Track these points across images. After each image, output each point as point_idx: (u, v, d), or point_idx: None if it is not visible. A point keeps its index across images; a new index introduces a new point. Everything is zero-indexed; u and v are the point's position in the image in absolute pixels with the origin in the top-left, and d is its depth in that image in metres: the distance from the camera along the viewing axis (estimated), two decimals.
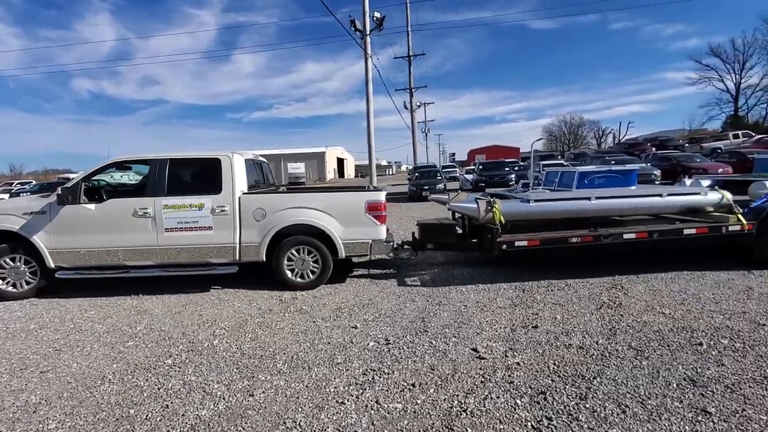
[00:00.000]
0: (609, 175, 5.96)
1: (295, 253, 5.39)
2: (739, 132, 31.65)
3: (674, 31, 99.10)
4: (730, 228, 5.22)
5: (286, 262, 5.39)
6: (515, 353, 3.40)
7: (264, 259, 5.36)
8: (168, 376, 3.30)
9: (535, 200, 5.44)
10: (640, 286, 4.99)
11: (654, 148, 31.75)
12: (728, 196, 5.45)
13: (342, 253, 5.36)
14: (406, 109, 37.35)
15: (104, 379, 3.30)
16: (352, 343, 3.75)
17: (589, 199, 5.45)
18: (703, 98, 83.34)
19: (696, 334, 3.58)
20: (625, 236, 5.20)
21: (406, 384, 2.98)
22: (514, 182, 17.93)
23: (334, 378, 3.11)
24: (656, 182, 15.67)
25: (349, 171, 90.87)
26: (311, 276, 5.44)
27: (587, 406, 2.62)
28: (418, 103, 37.29)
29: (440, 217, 6.58)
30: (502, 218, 5.33)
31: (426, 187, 17.56)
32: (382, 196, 5.41)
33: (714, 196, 5.50)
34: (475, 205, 5.48)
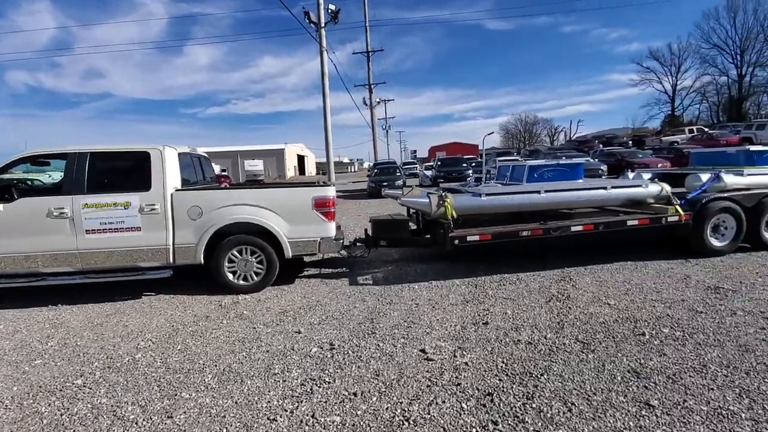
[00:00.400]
0: (557, 169, 6.03)
1: (237, 254, 5.00)
2: (694, 128, 34.05)
3: (618, 35, 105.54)
4: (669, 219, 5.41)
5: (227, 264, 5.00)
6: (464, 352, 3.27)
7: (202, 261, 4.93)
8: (75, 399, 2.88)
9: (487, 194, 5.37)
10: (588, 277, 5.05)
11: (601, 145, 33.50)
12: (667, 188, 5.65)
13: (289, 253, 5.04)
14: (366, 105, 37.10)
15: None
16: (293, 350, 3.47)
17: (539, 192, 5.46)
18: (644, 99, 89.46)
19: (639, 324, 3.61)
20: (573, 229, 5.25)
21: (347, 393, 2.75)
22: (471, 178, 18.15)
23: (269, 391, 2.83)
24: (603, 176, 16.41)
25: (311, 168, 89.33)
26: (255, 278, 5.08)
27: (534, 406, 2.51)
28: (377, 100, 37.17)
29: (394, 213, 6.40)
30: (454, 213, 5.23)
31: (385, 184, 17.42)
32: (330, 192, 5.13)
33: (654, 189, 5.69)
34: (427, 200, 5.34)
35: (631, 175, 7.32)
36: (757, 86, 52.21)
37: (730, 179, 5.74)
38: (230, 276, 5.04)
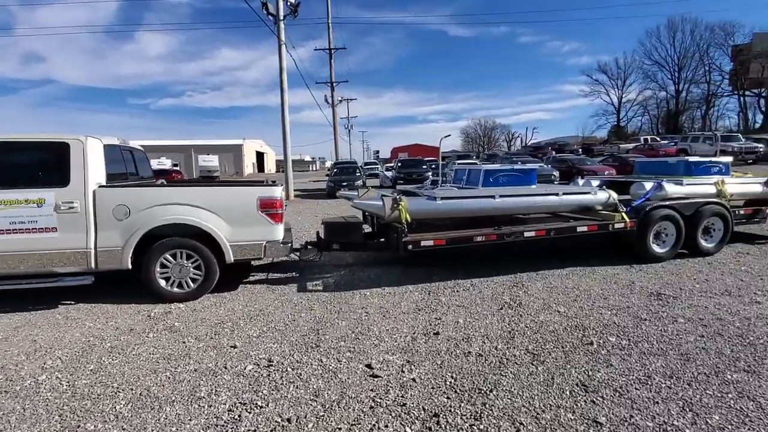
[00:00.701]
0: (512, 174, 6.03)
1: (171, 259, 4.55)
2: (648, 137, 36.38)
3: (570, 49, 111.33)
4: (616, 225, 5.54)
5: (159, 269, 4.53)
6: (412, 367, 3.08)
7: (129, 266, 4.43)
8: None
9: (442, 198, 5.25)
10: (539, 283, 5.06)
11: (554, 152, 35.06)
12: (614, 195, 5.80)
13: (230, 257, 4.65)
14: (328, 103, 36.52)
15: None
16: (225, 368, 3.13)
17: (493, 197, 5.41)
18: (593, 109, 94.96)
19: (587, 333, 3.59)
20: (526, 234, 5.24)
21: (280, 420, 2.47)
22: (428, 181, 18.24)
23: (190, 420, 2.49)
24: (555, 182, 17.02)
25: (270, 165, 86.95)
26: (192, 285, 4.65)
27: (481, 427, 2.35)
28: (339, 98, 36.67)
29: (348, 216, 6.15)
30: (408, 216, 5.06)
31: (344, 184, 17.09)
32: (277, 192, 4.79)
33: (602, 196, 5.82)
34: (381, 203, 5.13)
35: (581, 182, 7.52)
36: (692, 102, 56.91)
37: (671, 188, 5.99)
38: (163, 283, 4.57)
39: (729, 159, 6.95)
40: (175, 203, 4.53)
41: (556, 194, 5.67)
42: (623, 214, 5.62)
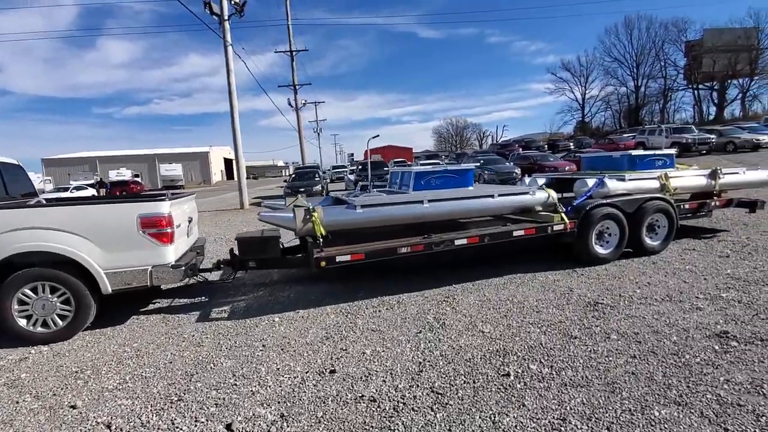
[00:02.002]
0: (445, 176, 5.55)
1: (31, 293, 3.80)
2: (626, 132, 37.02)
3: (537, 48, 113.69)
4: (555, 227, 5.13)
5: (16, 306, 3.77)
6: (285, 424, 2.48)
7: None
8: None
9: (363, 206, 4.69)
10: (473, 296, 4.56)
11: (521, 149, 35.34)
12: (553, 195, 5.40)
13: (106, 288, 3.93)
14: (291, 106, 35.66)
15: None
16: None
17: (421, 202, 4.90)
18: (559, 106, 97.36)
19: (507, 360, 3.09)
20: (457, 242, 4.75)
21: None
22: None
23: None
24: (517, 179, 16.83)
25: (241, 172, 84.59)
26: (60, 322, 3.91)
27: None
28: (303, 101, 35.79)
29: (266, 229, 5.51)
30: (322, 229, 4.47)
31: (301, 190, 16.36)
32: (163, 208, 4.10)
33: (541, 195, 5.41)
34: (291, 215, 4.52)
35: (527, 180, 7.14)
36: (650, 96, 58.83)
37: (613, 184, 5.65)
38: (23, 322, 3.82)
39: (673, 151, 6.71)
40: (33, 227, 3.78)
41: (491, 196, 5.20)
42: (563, 214, 5.22)
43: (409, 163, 26.73)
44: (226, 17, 15.68)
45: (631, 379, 2.72)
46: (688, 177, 6.12)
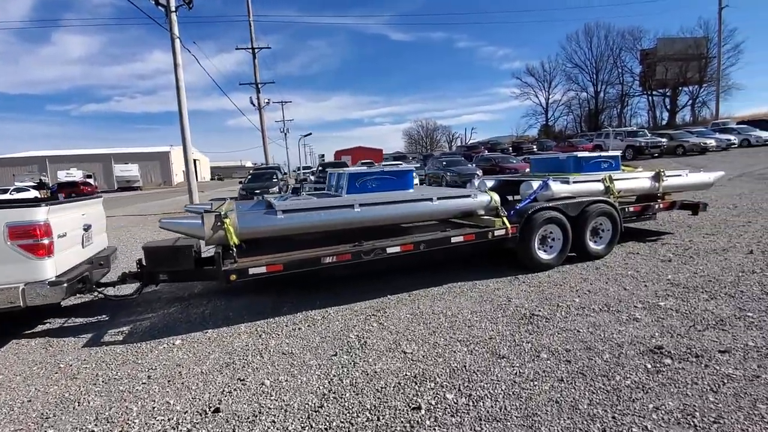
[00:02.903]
0: (383, 178, 5.17)
1: None
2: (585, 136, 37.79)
3: (504, 54, 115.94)
4: (496, 233, 4.84)
5: None
6: None
7: None
8: None
9: (284, 211, 4.22)
10: (406, 308, 4.18)
11: (486, 151, 35.76)
12: (496, 198, 5.11)
13: None
14: (254, 106, 34.57)
15: None
16: None
17: (352, 206, 4.48)
18: (524, 110, 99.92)
19: (423, 388, 2.71)
20: (389, 250, 4.36)
21: None
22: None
23: None
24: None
25: (204, 173, 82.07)
26: None
27: None
28: (267, 100, 34.66)
29: (182, 237, 4.94)
30: (235, 238, 3.97)
31: (257, 191, 15.63)
32: (38, 215, 3.48)
33: (483, 199, 5.11)
34: (199, 221, 4.00)
35: (476, 182, 6.88)
36: (608, 101, 61.22)
37: (557, 187, 5.43)
38: None
39: (618, 153, 6.62)
40: None
41: (430, 199, 4.85)
42: (504, 218, 4.94)
43: (376, 164, 26.38)
44: (173, 9, 14.73)
45: (554, 410, 2.39)
46: (633, 179, 6.01)
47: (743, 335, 3.14)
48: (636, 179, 6.04)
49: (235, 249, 4.01)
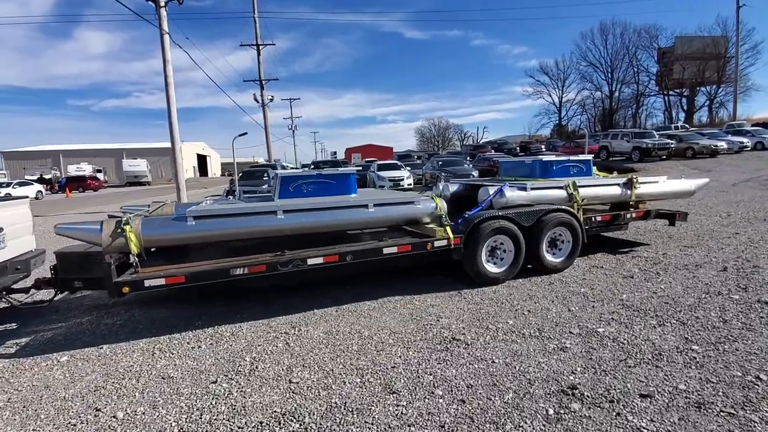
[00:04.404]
0: (320, 182, 4.81)
1: None
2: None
3: (519, 52, 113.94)
4: (437, 243, 4.45)
5: None
6: None
7: None
8: None
9: (195, 217, 3.90)
10: (325, 325, 3.84)
11: (493, 150, 35.05)
12: (441, 205, 4.71)
13: None
14: (257, 102, 34.58)
15: None
16: None
17: (275, 213, 4.14)
18: (537, 109, 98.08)
19: (284, 431, 2.36)
20: (311, 261, 4.01)
21: None
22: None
23: None
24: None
25: (215, 169, 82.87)
26: None
27: None
28: (270, 97, 34.59)
29: None
30: (135, 246, 3.67)
31: (245, 190, 15.42)
32: None
33: (428, 205, 4.72)
34: (98, 227, 3.70)
35: (441, 185, 6.48)
36: (623, 101, 59.63)
37: (512, 194, 5.01)
38: None
39: (590, 157, 6.13)
40: None
41: (365, 206, 4.48)
42: (448, 228, 4.54)
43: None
44: (162, 3, 14.61)
45: None
46: (600, 186, 5.53)
47: (677, 375, 2.70)
48: (604, 186, 5.56)
49: (136, 258, 3.71)
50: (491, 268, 4.71)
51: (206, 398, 2.74)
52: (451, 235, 4.48)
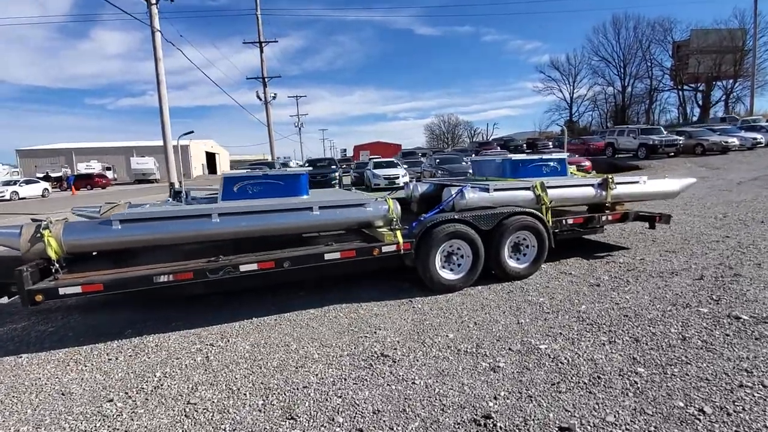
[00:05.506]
0: (267, 183, 4.57)
1: None
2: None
3: (532, 47, 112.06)
4: (384, 249, 4.18)
5: None
6: None
7: None
8: None
9: (122, 221, 3.70)
10: (256, 336, 3.62)
11: (499, 148, 34.46)
12: (394, 207, 4.43)
13: None
14: (260, 100, 34.62)
15: None
16: None
17: (209, 217, 3.92)
18: (548, 105, 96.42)
19: None
20: (243, 268, 3.77)
21: None
22: (337, 182, 16.71)
23: None
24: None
25: (224, 166, 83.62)
26: None
27: None
28: (273, 94, 34.57)
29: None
30: (55, 251, 3.49)
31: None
32: None
33: (380, 208, 4.45)
34: (16, 231, 3.53)
35: (411, 185, 6.20)
36: (636, 96, 58.09)
37: (472, 195, 4.71)
38: None
39: (564, 155, 5.77)
40: None
41: (309, 209, 4.23)
42: (398, 232, 4.27)
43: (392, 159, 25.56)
44: (153, 1, 14.55)
45: None
46: (572, 187, 5.18)
47: (609, 404, 2.40)
48: (576, 187, 5.20)
49: (57, 264, 3.53)
50: (447, 275, 4.42)
51: (93, 419, 2.54)
52: (400, 240, 4.20)
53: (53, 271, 3.50)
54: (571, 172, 5.77)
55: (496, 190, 4.79)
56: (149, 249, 4.33)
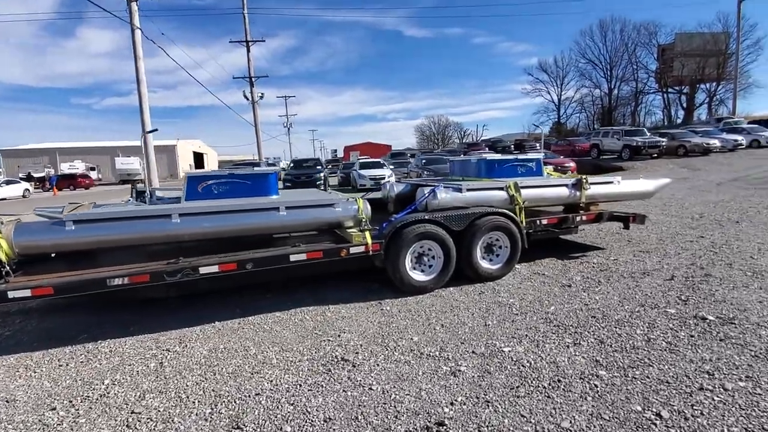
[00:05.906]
0: (233, 182, 4.46)
1: None
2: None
3: (522, 49, 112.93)
4: (352, 250, 4.09)
5: None
6: None
7: None
8: None
9: (76, 221, 3.56)
10: (213, 341, 3.49)
11: (487, 149, 34.60)
12: (363, 207, 4.35)
13: None
14: (247, 99, 34.26)
15: None
16: None
17: (169, 217, 3.79)
18: (536, 107, 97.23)
19: None
20: (203, 270, 3.65)
21: None
22: (322, 182, 16.57)
23: None
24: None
25: (212, 166, 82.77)
26: None
27: None
28: (260, 94, 34.22)
29: None
30: (3, 253, 3.34)
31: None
32: None
33: (350, 208, 4.36)
34: None
35: (387, 185, 6.12)
36: (622, 98, 58.88)
37: (445, 195, 4.64)
38: None
39: (540, 155, 5.74)
40: None
41: (276, 209, 4.13)
42: (367, 233, 4.18)
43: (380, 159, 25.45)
44: None
45: None
46: (546, 188, 5.15)
47: (566, 409, 2.34)
48: (551, 187, 5.17)
49: (7, 267, 3.37)
50: (418, 276, 4.35)
51: (33, 428, 2.40)
52: (369, 241, 4.12)
53: (3, 273, 3.35)
54: (548, 173, 5.75)
55: (469, 190, 4.73)
56: (111, 250, 4.19)
